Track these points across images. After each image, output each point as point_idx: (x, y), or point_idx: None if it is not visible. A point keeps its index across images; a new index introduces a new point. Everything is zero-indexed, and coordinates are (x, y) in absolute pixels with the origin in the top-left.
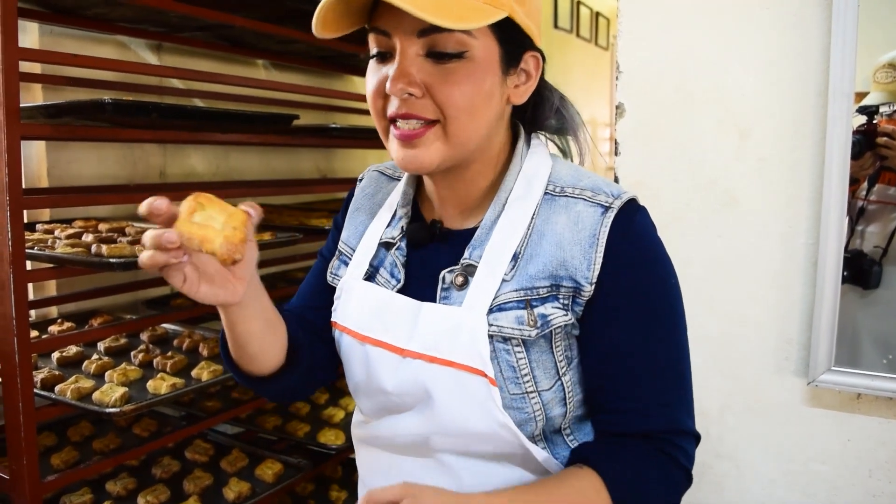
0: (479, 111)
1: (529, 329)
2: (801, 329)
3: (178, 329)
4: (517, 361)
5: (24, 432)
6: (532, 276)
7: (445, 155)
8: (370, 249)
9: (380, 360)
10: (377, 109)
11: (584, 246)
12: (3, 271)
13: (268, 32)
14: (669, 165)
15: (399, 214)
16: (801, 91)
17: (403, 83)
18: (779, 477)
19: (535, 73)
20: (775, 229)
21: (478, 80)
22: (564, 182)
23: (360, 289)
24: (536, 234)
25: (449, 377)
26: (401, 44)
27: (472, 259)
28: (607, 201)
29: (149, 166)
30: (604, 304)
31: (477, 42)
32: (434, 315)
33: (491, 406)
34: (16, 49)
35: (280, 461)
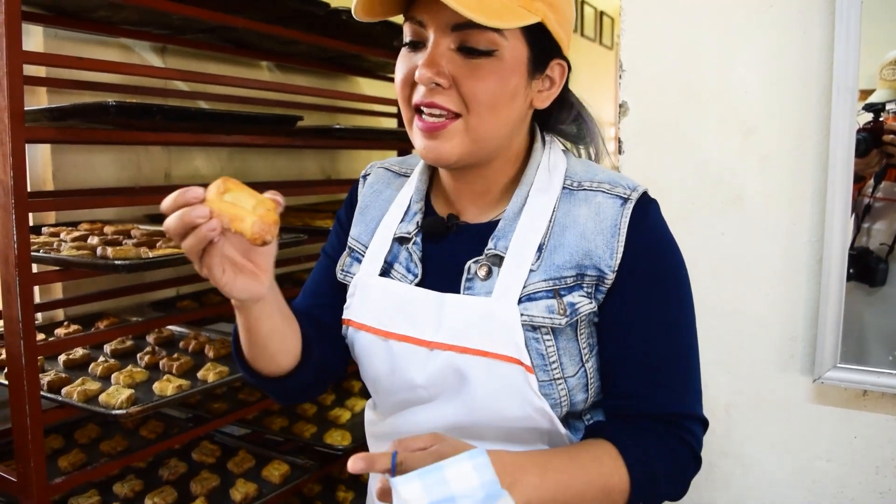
0: (502, 109)
1: (560, 317)
2: (806, 326)
3: (184, 331)
4: (546, 349)
5: (32, 435)
6: (559, 265)
7: (466, 149)
8: (384, 245)
9: (407, 355)
10: (405, 97)
11: (607, 236)
12: (9, 274)
13: (271, 34)
14: (673, 164)
15: (414, 209)
16: (804, 88)
17: (432, 72)
18: (785, 475)
19: (559, 80)
20: (780, 227)
21: (503, 78)
22: (581, 177)
23: (378, 285)
24: (559, 226)
25: (483, 366)
26: (434, 35)
27: (497, 249)
28: (625, 193)
29: (154, 169)
30: (621, 291)
31: (507, 42)
32: (462, 306)
33: (528, 392)
34: (20, 52)
35: (287, 462)
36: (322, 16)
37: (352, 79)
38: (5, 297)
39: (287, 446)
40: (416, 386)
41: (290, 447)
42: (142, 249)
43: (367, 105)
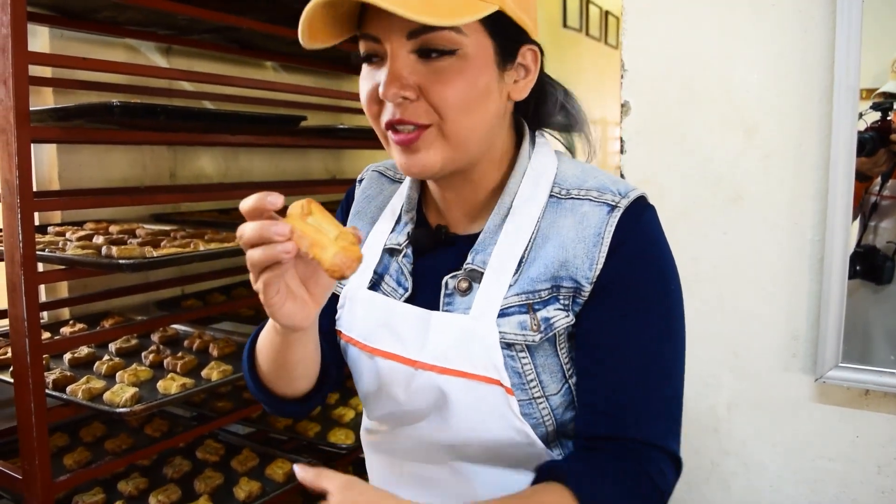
0: (476, 109)
1: (533, 333)
2: (808, 325)
3: (189, 330)
4: (522, 367)
5: (37, 432)
6: (533, 279)
7: (447, 156)
8: (374, 256)
9: (391, 373)
10: (373, 115)
11: (588, 245)
12: (15, 273)
13: (275, 34)
14: (675, 163)
15: (404, 220)
16: (806, 87)
17: (396, 87)
18: (787, 474)
19: (533, 67)
20: (782, 226)
21: (471, 77)
22: (570, 184)
23: (366, 299)
24: (541, 237)
25: (463, 387)
26: (391, 47)
27: (475, 264)
28: (614, 200)
29: (159, 168)
30: (598, 301)
31: (468, 39)
32: (443, 324)
33: (508, 414)
34: (25, 53)
35: (290, 461)
36: None
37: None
38: (11, 296)
39: (291, 445)
40: (399, 402)
41: (293, 446)
42: (146, 249)
43: None
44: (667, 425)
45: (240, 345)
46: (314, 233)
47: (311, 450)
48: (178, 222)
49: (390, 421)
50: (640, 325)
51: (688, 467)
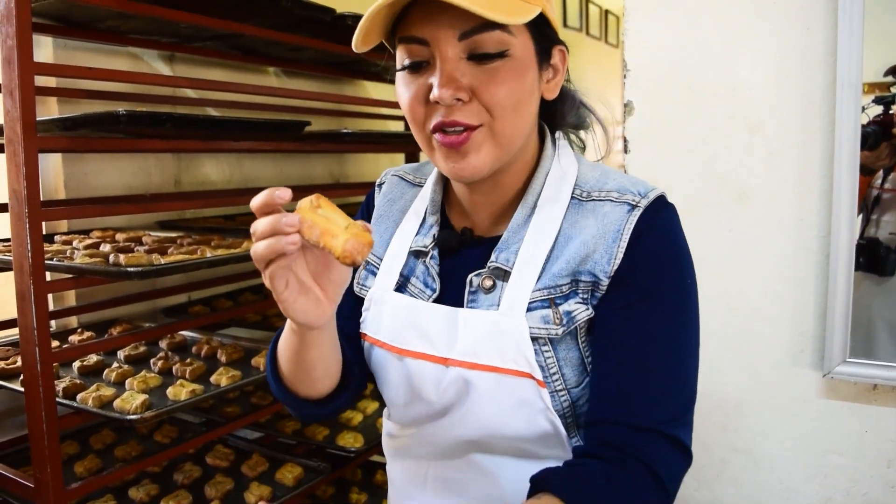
0: (523, 108)
1: (556, 327)
2: (815, 321)
3: (197, 336)
4: (545, 360)
5: (48, 441)
6: (555, 274)
7: (495, 157)
8: (399, 259)
9: (422, 372)
10: (418, 120)
11: (608, 241)
12: (24, 283)
13: (278, 40)
14: (680, 162)
15: (430, 222)
16: (809, 84)
17: (452, 89)
18: (796, 470)
19: (562, 66)
20: (787, 223)
21: (520, 77)
22: (590, 186)
23: (393, 301)
24: (564, 237)
25: (493, 382)
26: (441, 50)
27: (499, 262)
28: (634, 200)
29: (164, 176)
30: (613, 291)
31: (516, 40)
32: (471, 320)
33: (539, 405)
34: (31, 64)
35: (300, 465)
36: (328, 21)
37: (359, 83)
38: (20, 306)
39: (300, 449)
40: (431, 402)
41: (303, 450)
42: (153, 256)
43: (374, 108)
44: (675, 413)
45: (247, 350)
46: (324, 222)
47: (320, 453)
48: (184, 229)
49: (419, 421)
50: (653, 313)
51: (697, 465)
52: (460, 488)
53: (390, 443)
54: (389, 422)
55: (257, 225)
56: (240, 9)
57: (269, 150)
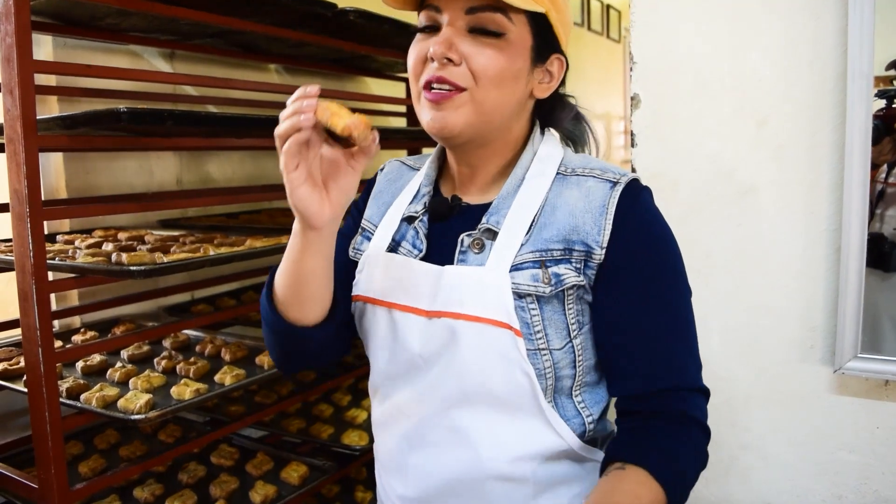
0: (506, 86)
1: (544, 286)
2: (825, 316)
3: (200, 335)
4: (531, 318)
5: (52, 441)
6: (547, 239)
7: (470, 120)
8: (393, 224)
9: (407, 324)
10: (416, 74)
11: (595, 214)
12: (26, 283)
13: (279, 37)
14: (687, 155)
15: (423, 192)
16: (818, 75)
17: (445, 47)
18: (806, 467)
19: (557, 74)
20: (796, 217)
21: (510, 58)
22: (574, 164)
23: (384, 260)
24: (550, 206)
25: (474, 331)
26: (449, 17)
27: (489, 224)
28: (615, 177)
29: (166, 174)
30: (614, 270)
31: (515, 28)
32: (457, 275)
33: (516, 356)
34: (30, 62)
35: (305, 464)
36: (330, 17)
37: (361, 79)
38: (22, 306)
39: (305, 448)
40: (414, 354)
41: (307, 448)
42: (156, 254)
43: (376, 105)
44: (694, 367)
45: (251, 348)
46: (336, 108)
47: (325, 452)
48: (187, 228)
49: (399, 378)
50: (656, 289)
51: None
52: (438, 459)
53: (375, 417)
54: (373, 397)
55: (284, 111)
56: (240, 5)
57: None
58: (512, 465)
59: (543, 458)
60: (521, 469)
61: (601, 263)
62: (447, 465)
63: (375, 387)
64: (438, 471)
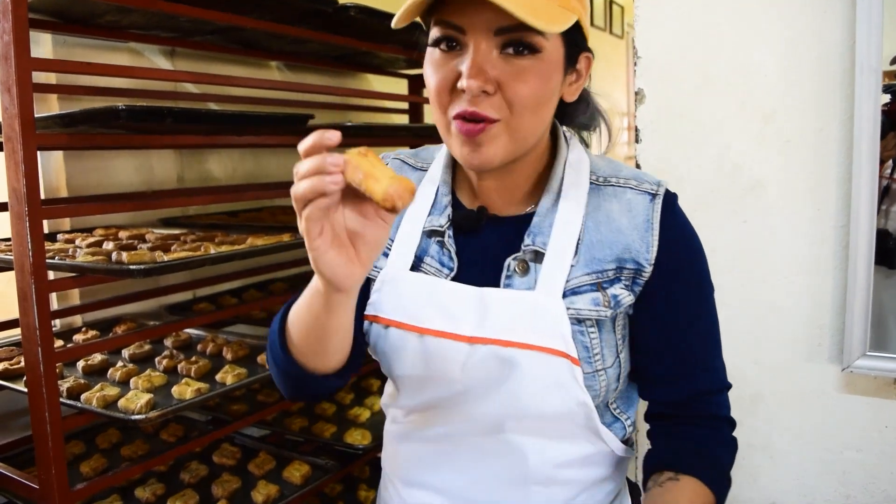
0: (542, 109)
1: (605, 309)
2: (833, 314)
3: (202, 334)
4: (591, 341)
5: (52, 442)
6: (600, 259)
7: (508, 151)
8: (412, 239)
9: (445, 351)
10: (442, 104)
11: (641, 230)
12: (25, 282)
13: (280, 33)
14: (692, 151)
15: (443, 203)
16: (825, 69)
17: (480, 80)
18: (814, 466)
19: (585, 72)
20: (803, 213)
21: (546, 79)
22: (604, 172)
23: (409, 279)
24: (592, 221)
25: (528, 360)
26: (475, 40)
27: (536, 245)
28: (652, 189)
29: (166, 172)
30: (660, 283)
31: (548, 43)
32: (506, 300)
33: (573, 385)
34: (28, 59)
35: (307, 463)
36: (331, 13)
37: (362, 76)
38: (22, 306)
39: (307, 447)
40: (453, 381)
41: (310, 447)
42: (156, 253)
43: (377, 102)
44: (723, 368)
45: (253, 347)
46: (369, 166)
47: (328, 451)
48: (188, 226)
49: (434, 402)
50: (695, 298)
51: None
52: (481, 466)
53: (394, 427)
54: (395, 408)
55: (301, 165)
56: (241, 1)
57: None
58: (556, 471)
59: (587, 462)
60: (565, 474)
61: (648, 279)
62: (490, 476)
63: (399, 406)
64: (480, 481)
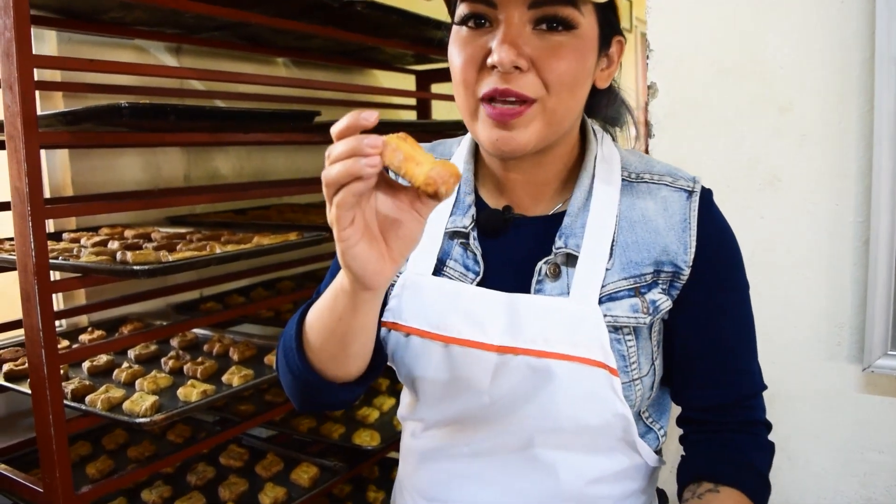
0: (579, 89)
1: (644, 316)
2: (853, 312)
3: (208, 333)
4: (627, 350)
5: (56, 445)
6: (637, 263)
7: (542, 135)
8: (434, 241)
9: (471, 361)
10: (468, 83)
11: (678, 230)
12: (28, 283)
13: (286, 29)
14: (707, 145)
15: (466, 202)
16: (843, 59)
17: (513, 54)
18: (834, 468)
19: (617, 57)
20: (822, 207)
21: (582, 56)
22: (636, 168)
23: (432, 284)
24: (626, 220)
25: (564, 371)
26: (507, 13)
27: (569, 248)
28: (688, 185)
29: (172, 170)
30: (696, 285)
31: (584, 19)
32: (538, 307)
33: (611, 397)
34: (30, 56)
35: (315, 464)
36: (337, 8)
37: (369, 72)
38: (25, 306)
39: (315, 447)
40: (480, 392)
41: (318, 448)
42: (162, 253)
43: (385, 98)
44: (759, 371)
45: (260, 347)
46: (410, 149)
47: (336, 452)
48: (194, 224)
49: (460, 416)
50: (734, 299)
51: None
52: (510, 483)
53: (414, 443)
54: (413, 421)
55: (334, 147)
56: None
57: (280, 142)
58: (589, 487)
59: (621, 476)
60: (597, 490)
61: (686, 282)
62: (518, 494)
63: (419, 418)
64: (507, 500)
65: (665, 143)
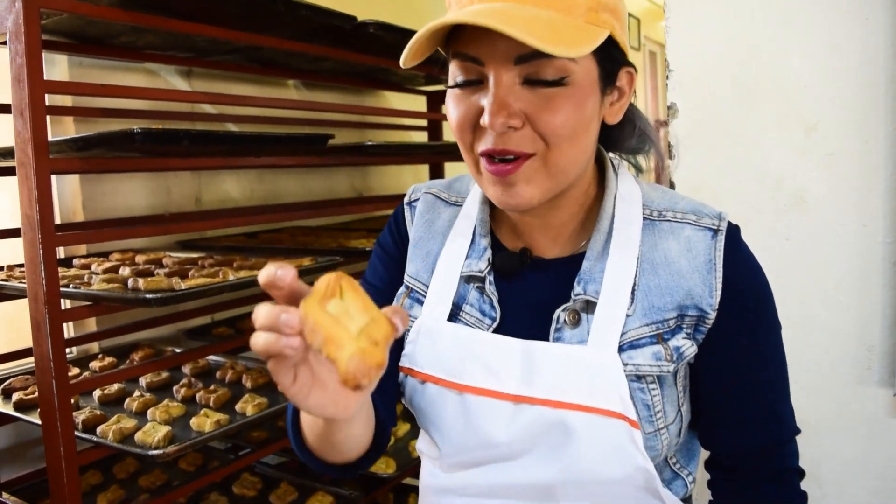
0: (581, 138)
1: (668, 364)
2: (883, 335)
3: (220, 360)
4: (651, 399)
5: (67, 476)
6: (659, 308)
7: (546, 188)
8: (450, 285)
9: (487, 410)
10: (465, 142)
11: (703, 273)
12: (38, 311)
13: (297, 51)
14: (730, 166)
15: (482, 244)
16: (870, 77)
17: (504, 116)
18: (865, 495)
19: (628, 89)
20: (850, 228)
21: (579, 104)
22: (658, 205)
23: (447, 331)
24: (648, 262)
25: (582, 423)
26: (495, 72)
27: (588, 294)
28: (713, 224)
29: (184, 194)
30: (725, 329)
31: (577, 66)
32: (554, 355)
33: (631, 450)
34: (41, 82)
35: (331, 493)
36: (348, 30)
37: (380, 93)
38: (35, 335)
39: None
40: (496, 444)
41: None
42: (174, 280)
43: (397, 119)
44: (792, 414)
45: None
46: (332, 326)
47: (351, 479)
48: (205, 249)
49: (474, 463)
50: (763, 342)
51: None
52: None
53: (433, 481)
54: (432, 461)
55: (257, 311)
56: (257, 19)
57: (292, 165)
58: None
59: None
60: None
61: (712, 326)
62: None
63: (437, 459)
64: None
65: (687, 163)
